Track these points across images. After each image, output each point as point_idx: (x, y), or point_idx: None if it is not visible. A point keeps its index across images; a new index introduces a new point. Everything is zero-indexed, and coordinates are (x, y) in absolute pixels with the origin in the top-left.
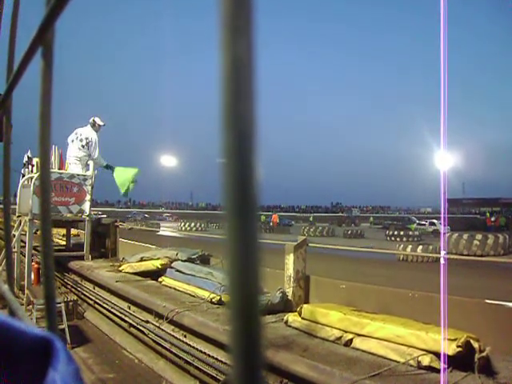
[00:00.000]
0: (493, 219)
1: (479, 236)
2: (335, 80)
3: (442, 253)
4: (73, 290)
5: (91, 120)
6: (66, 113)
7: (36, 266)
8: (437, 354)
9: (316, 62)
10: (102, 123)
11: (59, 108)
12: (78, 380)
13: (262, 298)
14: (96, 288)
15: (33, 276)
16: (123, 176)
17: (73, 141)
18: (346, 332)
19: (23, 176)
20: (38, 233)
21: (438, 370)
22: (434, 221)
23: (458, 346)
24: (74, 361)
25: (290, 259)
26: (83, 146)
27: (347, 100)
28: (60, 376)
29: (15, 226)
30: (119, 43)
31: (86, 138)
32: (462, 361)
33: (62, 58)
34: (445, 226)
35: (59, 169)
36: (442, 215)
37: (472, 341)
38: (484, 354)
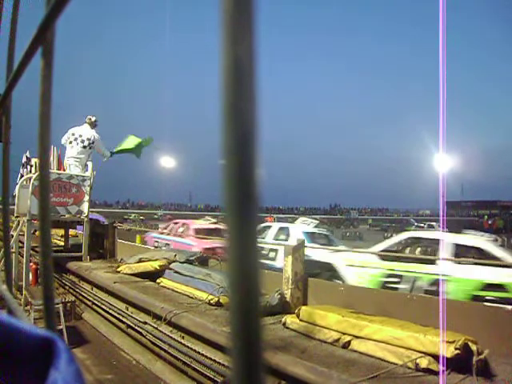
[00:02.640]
0: (490, 222)
1: None
2: (335, 80)
3: (441, 255)
4: (71, 290)
5: (87, 119)
6: (65, 114)
7: (34, 266)
8: (435, 357)
9: (317, 68)
10: (94, 119)
11: (59, 109)
12: (79, 380)
13: (261, 300)
14: (94, 289)
15: (31, 276)
16: (134, 142)
17: (71, 142)
18: (344, 334)
19: (22, 176)
20: (37, 233)
21: (436, 373)
22: (433, 223)
23: (456, 349)
24: (75, 361)
25: (288, 261)
26: (85, 147)
27: (347, 100)
28: (61, 376)
29: (13, 226)
30: (120, 43)
31: (88, 139)
32: (460, 363)
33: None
34: (443, 228)
35: (58, 169)
36: (440, 217)
37: (470, 343)
38: (482, 356)
